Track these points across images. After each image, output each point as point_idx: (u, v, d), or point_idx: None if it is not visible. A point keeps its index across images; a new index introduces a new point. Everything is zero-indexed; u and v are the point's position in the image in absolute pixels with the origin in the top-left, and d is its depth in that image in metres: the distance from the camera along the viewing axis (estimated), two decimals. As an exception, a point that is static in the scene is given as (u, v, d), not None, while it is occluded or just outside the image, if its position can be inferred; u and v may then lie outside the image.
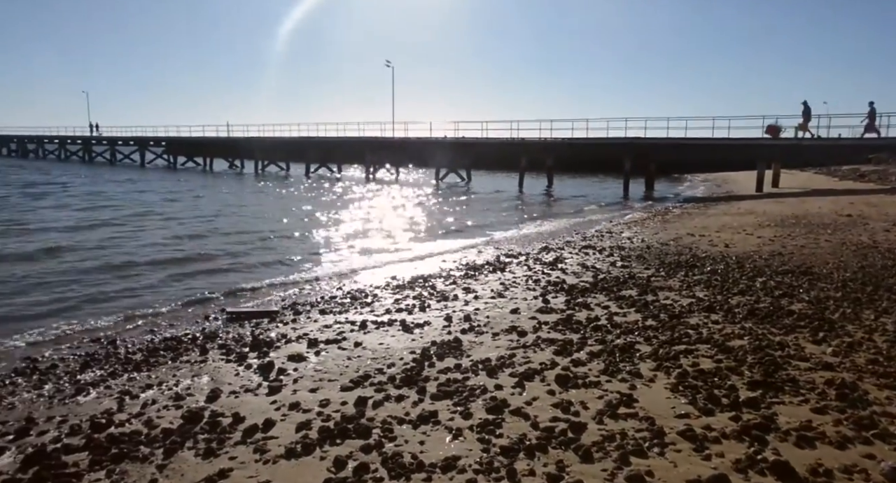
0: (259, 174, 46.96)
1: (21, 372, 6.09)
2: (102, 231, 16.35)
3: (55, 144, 70.29)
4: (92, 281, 10.37)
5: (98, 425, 4.56)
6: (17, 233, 15.57)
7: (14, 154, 74.37)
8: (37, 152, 71.96)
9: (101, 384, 5.63)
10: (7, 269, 11.23)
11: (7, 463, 4.07)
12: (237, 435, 4.33)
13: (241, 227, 17.85)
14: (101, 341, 7.18)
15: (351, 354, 6.21)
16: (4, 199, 24.54)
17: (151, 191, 30.58)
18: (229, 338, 7.06)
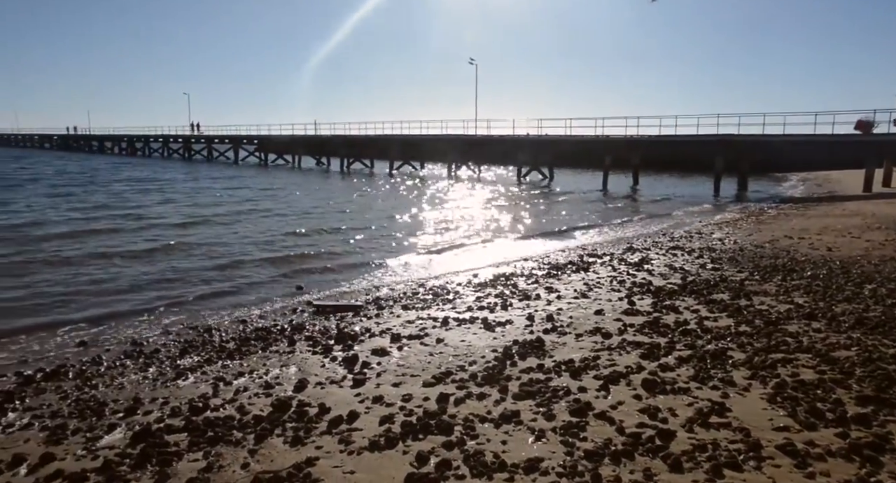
0: (344, 171, 48.25)
1: (129, 355, 6.53)
2: (206, 226, 17.24)
3: (159, 143, 75.01)
4: (192, 271, 10.98)
5: (196, 408, 4.82)
6: (135, 228, 16.55)
7: (124, 152, 79.91)
8: (143, 150, 76.98)
9: (198, 370, 5.94)
10: (125, 261, 12.06)
11: (118, 438, 4.36)
12: (323, 425, 4.45)
13: (329, 222, 18.38)
14: (198, 329, 7.58)
15: (433, 351, 6.25)
16: (120, 195, 26.34)
17: (246, 187, 31.99)
18: (316, 330, 7.28)
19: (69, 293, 9.34)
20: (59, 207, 21.05)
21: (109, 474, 3.79)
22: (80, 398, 5.25)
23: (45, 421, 4.75)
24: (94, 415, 4.84)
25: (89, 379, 5.78)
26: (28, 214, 18.77)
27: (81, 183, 32.39)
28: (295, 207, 22.37)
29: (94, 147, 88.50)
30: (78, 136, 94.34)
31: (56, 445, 4.28)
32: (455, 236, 15.89)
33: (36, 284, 9.87)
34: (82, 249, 12.98)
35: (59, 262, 11.56)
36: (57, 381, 5.74)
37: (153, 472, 3.83)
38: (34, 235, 14.61)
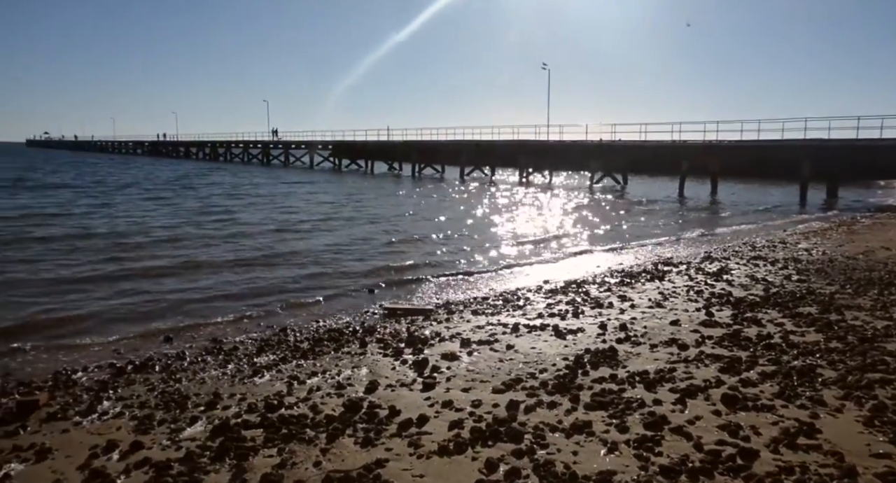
0: (416, 176, 48.84)
1: (210, 351, 6.81)
2: (291, 232, 17.73)
3: (240, 148, 78.26)
4: (271, 271, 11.37)
5: (271, 406, 4.96)
6: (226, 235, 16.72)
7: (207, 157, 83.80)
8: (225, 156, 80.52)
9: (273, 368, 6.12)
10: (225, 268, 12.61)
11: (199, 431, 4.55)
12: (393, 427, 4.49)
13: (400, 227, 18.63)
14: (273, 328, 7.83)
15: (503, 357, 6.21)
16: (208, 199, 27.51)
17: (325, 192, 32.81)
18: (386, 333, 7.37)
19: (160, 291, 9.84)
20: (157, 211, 22.03)
21: (191, 465, 3.95)
22: (165, 390, 5.51)
23: (134, 411, 5.02)
24: (177, 407, 5.07)
25: (174, 373, 6.07)
26: (125, 218, 19.70)
27: (173, 188, 33.83)
28: (369, 212, 22.76)
29: (180, 152, 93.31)
30: (166, 142, 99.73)
31: (144, 434, 4.51)
32: (525, 242, 15.76)
33: (132, 285, 10.44)
34: (175, 253, 13.65)
35: (152, 261, 12.22)
36: (145, 374, 6.05)
37: (231, 466, 3.96)
38: (131, 241, 15.44)
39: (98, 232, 16.25)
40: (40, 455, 4.18)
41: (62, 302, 8.99)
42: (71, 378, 5.97)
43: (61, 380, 5.91)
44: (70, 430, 4.66)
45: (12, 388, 5.72)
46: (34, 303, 8.91)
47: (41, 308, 8.63)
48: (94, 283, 10.21)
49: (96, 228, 16.97)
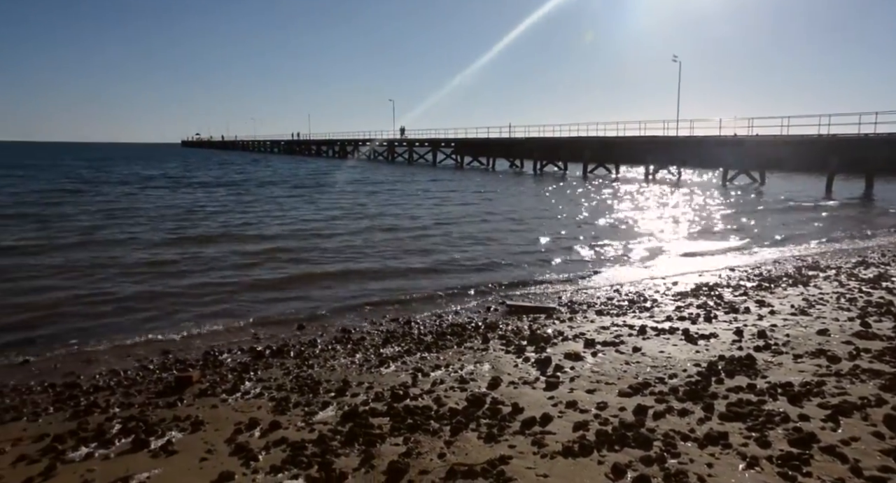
0: (537, 173, 48.40)
1: (339, 341, 7.14)
2: (423, 229, 18.09)
3: (367, 147, 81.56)
4: (401, 263, 11.74)
5: (397, 396, 5.11)
6: (366, 228, 17.27)
7: (336, 155, 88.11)
8: (352, 154, 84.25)
9: (398, 359, 6.30)
10: (343, 256, 13.26)
11: (330, 415, 4.78)
12: (516, 425, 4.47)
13: (522, 223, 18.54)
14: (398, 321, 8.06)
15: (629, 359, 5.99)
16: (346, 194, 28.79)
17: (455, 190, 33.12)
18: (508, 330, 7.36)
19: (295, 279, 10.47)
20: (304, 208, 22.70)
21: (324, 447, 4.16)
22: (299, 375, 5.84)
23: (272, 392, 5.37)
24: (310, 391, 5.36)
25: (307, 359, 6.42)
26: (279, 214, 20.61)
27: (312, 184, 35.11)
28: (494, 209, 22.77)
29: (312, 150, 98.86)
30: (300, 141, 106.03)
31: (281, 415, 4.81)
32: (652, 241, 15.11)
33: (268, 273, 11.19)
34: (322, 245, 14.45)
35: (301, 253, 13.03)
36: (281, 359, 6.45)
37: (360, 451, 4.12)
38: (267, 234, 16.55)
39: (236, 224, 17.56)
40: (195, 426, 4.59)
41: (217, 290, 9.79)
42: (218, 359, 6.49)
43: (210, 360, 6.44)
44: (218, 406, 5.06)
45: (171, 364, 6.32)
46: (199, 292, 9.79)
47: (202, 295, 9.47)
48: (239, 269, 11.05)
49: (235, 222, 18.35)
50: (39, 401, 5.31)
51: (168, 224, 17.33)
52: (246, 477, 3.81)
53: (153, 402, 5.22)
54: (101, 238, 14.43)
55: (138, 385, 5.70)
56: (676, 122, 43.30)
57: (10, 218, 17.97)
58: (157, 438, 4.39)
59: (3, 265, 11.17)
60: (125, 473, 3.86)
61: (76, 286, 9.73)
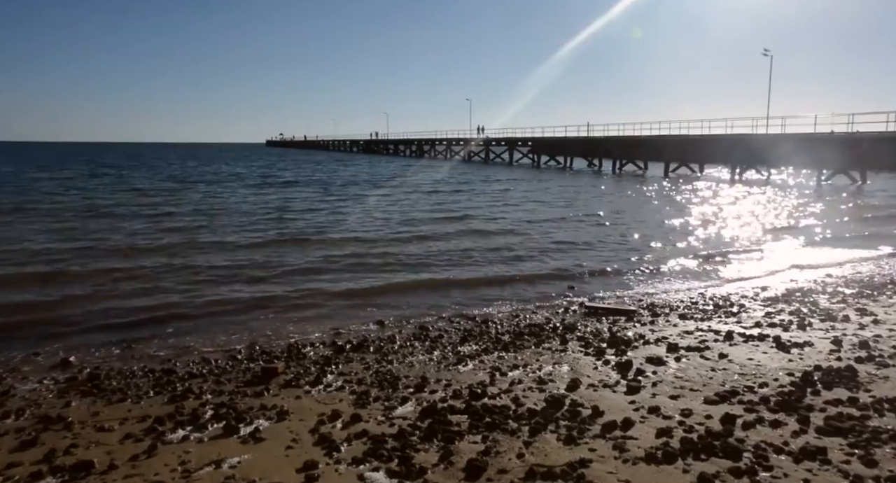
0: (616, 173, 47.27)
1: (417, 337, 7.23)
2: (503, 234, 18.21)
3: (443, 146, 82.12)
4: (477, 264, 11.79)
5: (475, 394, 5.12)
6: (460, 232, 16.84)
7: (413, 154, 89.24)
8: (429, 153, 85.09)
9: (476, 358, 6.32)
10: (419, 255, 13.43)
11: (409, 411, 4.86)
12: (596, 428, 4.38)
13: (603, 223, 18.18)
14: (475, 320, 8.08)
15: (715, 365, 5.76)
16: (431, 194, 29.18)
17: (538, 190, 33.06)
18: (587, 331, 7.23)
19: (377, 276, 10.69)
20: (390, 208, 22.23)
21: (403, 442, 4.23)
22: (378, 370, 5.96)
23: (353, 386, 5.50)
24: (389, 386, 5.45)
25: (386, 355, 6.54)
26: (363, 214, 20.67)
27: (395, 184, 34.77)
28: (574, 209, 22.31)
29: (389, 149, 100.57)
30: (378, 140, 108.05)
31: (362, 408, 4.92)
32: (739, 244, 14.44)
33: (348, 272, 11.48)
34: (402, 248, 14.73)
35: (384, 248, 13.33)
36: (361, 353, 6.60)
37: (439, 447, 4.16)
38: (344, 237, 16.96)
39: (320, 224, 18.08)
40: (280, 416, 4.77)
41: (309, 283, 10.14)
42: (301, 351, 6.72)
43: (293, 353, 6.67)
44: (302, 398, 5.24)
45: (257, 355, 6.60)
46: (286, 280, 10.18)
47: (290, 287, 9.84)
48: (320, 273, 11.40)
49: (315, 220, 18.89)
50: (141, 384, 5.66)
51: (259, 224, 17.67)
52: (329, 467, 3.92)
53: (241, 390, 5.47)
54: (200, 238, 14.93)
55: (228, 374, 5.98)
56: (767, 119, 41.17)
57: (124, 217, 19.21)
58: (245, 425, 4.59)
59: (115, 266, 12.01)
60: (217, 457, 4.06)
61: (173, 282, 10.30)
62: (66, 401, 5.27)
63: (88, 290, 9.55)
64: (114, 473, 3.85)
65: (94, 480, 3.76)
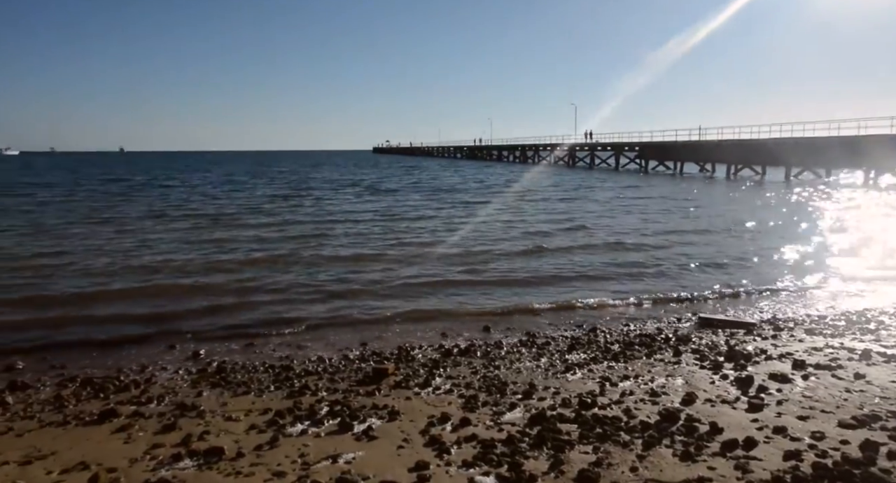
0: (731, 178, 44.79)
1: (524, 344, 7.20)
2: (627, 250, 17.92)
3: (547, 151, 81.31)
4: (590, 269, 11.59)
5: (584, 403, 5.03)
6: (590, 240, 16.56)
7: (517, 160, 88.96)
8: (533, 158, 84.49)
9: (584, 366, 6.20)
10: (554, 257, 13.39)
11: (518, 417, 4.84)
12: (715, 445, 4.17)
13: (714, 230, 17.29)
14: (583, 327, 7.93)
15: (850, 386, 5.31)
16: (545, 201, 29.21)
17: (653, 197, 32.08)
18: (702, 344, 6.90)
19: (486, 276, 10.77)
20: (504, 215, 21.70)
21: (512, 448, 4.22)
22: (486, 375, 5.99)
23: (461, 389, 5.56)
24: (497, 392, 5.46)
25: (493, 360, 6.56)
26: (477, 221, 20.87)
27: (505, 191, 33.92)
28: (691, 214, 21.46)
29: (493, 155, 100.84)
30: (482, 146, 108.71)
31: (471, 412, 4.96)
32: (875, 256, 13.23)
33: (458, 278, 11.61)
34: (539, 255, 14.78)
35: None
36: (469, 358, 6.66)
37: (548, 455, 4.11)
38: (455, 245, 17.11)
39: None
40: (391, 415, 4.90)
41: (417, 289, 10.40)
42: (410, 354, 6.88)
43: (403, 355, 6.84)
44: (412, 399, 5.36)
45: (368, 356, 6.83)
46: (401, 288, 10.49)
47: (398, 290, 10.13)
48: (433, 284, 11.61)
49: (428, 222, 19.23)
50: (262, 379, 6.02)
51: (373, 232, 17.81)
52: (440, 468, 3.99)
53: (354, 389, 5.67)
54: (316, 247, 15.32)
55: (341, 373, 6.23)
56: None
57: (247, 226, 20.53)
58: (359, 423, 4.76)
59: (238, 271, 12.86)
60: (334, 452, 4.24)
61: (288, 286, 10.87)
62: (198, 390, 5.70)
63: (215, 291, 10.28)
64: (242, 461, 4.11)
65: (225, 466, 4.03)
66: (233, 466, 4.02)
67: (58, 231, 17.50)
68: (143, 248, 14.46)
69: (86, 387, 5.85)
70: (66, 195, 31.63)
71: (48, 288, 10.39)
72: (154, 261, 12.72)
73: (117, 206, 25.35)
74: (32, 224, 19.00)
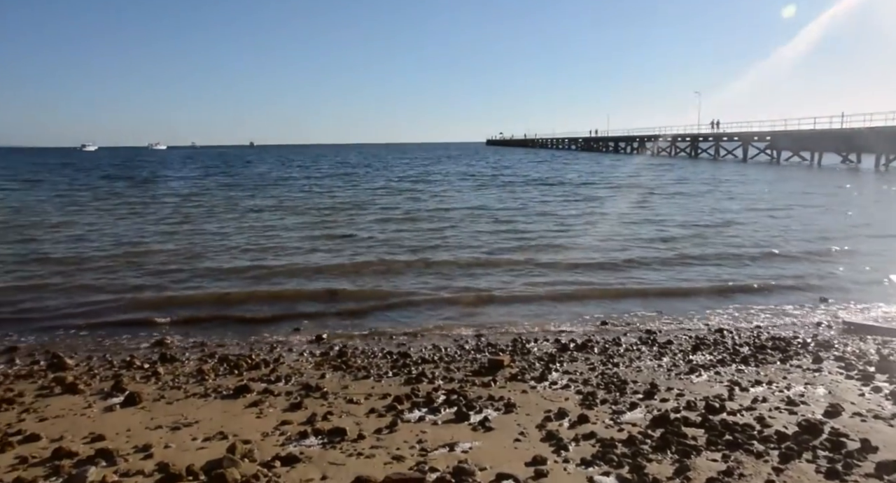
0: (880, 170, 40.57)
1: (644, 342, 6.92)
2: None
3: (667, 142, 77.56)
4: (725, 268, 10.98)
5: (712, 408, 4.73)
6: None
7: (634, 151, 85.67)
8: (652, 149, 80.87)
9: (710, 369, 5.85)
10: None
11: (639, 417, 4.65)
12: (868, 465, 3.77)
13: (856, 229, 15.76)
14: (709, 327, 7.50)
15: None
16: (676, 196, 28.01)
17: (804, 193, 29.98)
18: (847, 351, 6.30)
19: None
20: (641, 212, 19.89)
21: (634, 449, 4.05)
22: (604, 372, 5.81)
23: (578, 386, 5.43)
24: (616, 390, 5.28)
25: (611, 357, 6.36)
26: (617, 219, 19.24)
27: (632, 185, 31.64)
28: (850, 217, 18.91)
29: (609, 147, 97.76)
30: (598, 137, 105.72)
31: (589, 409, 4.83)
32: None
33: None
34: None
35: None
36: (585, 353, 6.50)
37: (673, 460, 3.91)
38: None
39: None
40: (507, 408, 4.87)
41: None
42: (525, 346, 6.82)
43: (518, 347, 6.79)
44: (527, 392, 5.31)
45: (483, 346, 6.84)
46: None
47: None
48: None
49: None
50: (381, 364, 6.20)
51: (492, 226, 16.87)
52: (557, 464, 3.90)
53: (470, 379, 5.70)
54: (437, 236, 15.44)
55: (456, 362, 6.29)
56: None
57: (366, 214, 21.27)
58: (475, 413, 4.77)
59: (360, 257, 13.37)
60: (451, 440, 4.28)
61: (410, 275, 11.13)
62: (322, 372, 5.97)
63: (338, 277, 10.74)
64: (362, 443, 4.25)
65: (347, 446, 4.18)
66: (354, 447, 4.16)
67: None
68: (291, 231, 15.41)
69: (223, 363, 6.31)
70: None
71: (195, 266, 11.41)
72: (284, 244, 13.52)
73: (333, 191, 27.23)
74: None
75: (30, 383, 5.77)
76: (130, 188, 33.42)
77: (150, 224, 17.90)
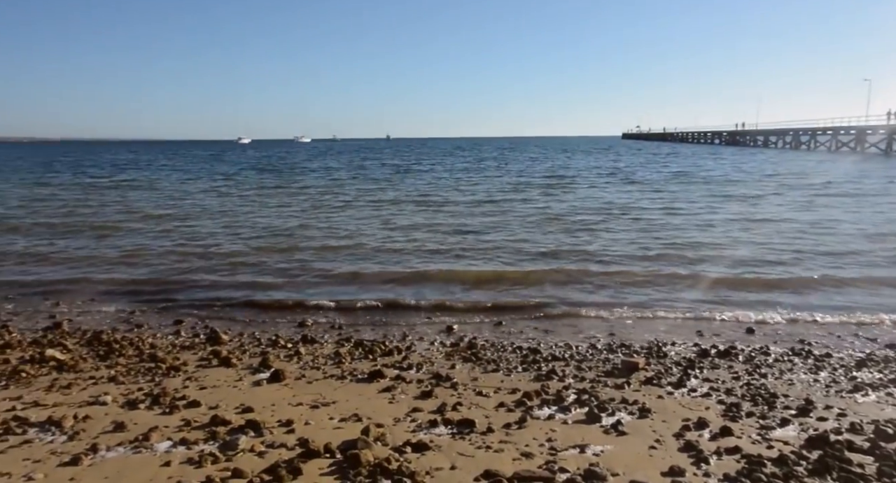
0: None
1: (797, 352, 6.32)
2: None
3: (827, 135, 70.45)
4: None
5: (883, 433, 4.21)
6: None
7: (787, 146, 78.65)
8: (808, 144, 73.88)
9: (881, 388, 5.22)
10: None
11: (791, 436, 4.24)
12: None
13: None
14: (876, 342, 6.71)
15: None
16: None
17: None
18: None
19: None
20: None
21: (786, 470, 3.69)
22: (750, 383, 5.38)
23: (720, 395, 5.06)
24: (765, 403, 4.86)
25: (758, 366, 5.87)
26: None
27: (801, 186, 26.17)
28: None
29: (758, 141, 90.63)
30: (744, 131, 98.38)
31: (732, 422, 4.48)
32: None
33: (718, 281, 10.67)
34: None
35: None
36: (729, 361, 6.05)
37: (833, 486, 3.53)
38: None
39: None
40: (642, 412, 4.65)
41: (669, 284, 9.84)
42: (661, 349, 6.47)
43: (654, 350, 6.47)
44: (664, 398, 5.03)
45: (616, 347, 6.59)
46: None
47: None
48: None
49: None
50: (510, 359, 6.17)
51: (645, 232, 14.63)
52: (697, 478, 3.65)
53: (602, 380, 5.51)
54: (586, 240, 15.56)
55: (588, 361, 6.10)
56: None
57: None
58: (608, 416, 4.59)
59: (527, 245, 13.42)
60: (581, 442, 4.15)
61: (553, 275, 11.00)
62: (452, 363, 6.04)
63: (466, 267, 10.84)
64: (491, 436, 4.23)
65: (476, 439, 4.19)
66: (483, 440, 4.16)
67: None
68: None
69: (358, 347, 6.58)
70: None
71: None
72: (432, 227, 13.90)
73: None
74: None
75: (192, 354, 6.37)
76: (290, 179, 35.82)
77: (295, 214, 19.11)
